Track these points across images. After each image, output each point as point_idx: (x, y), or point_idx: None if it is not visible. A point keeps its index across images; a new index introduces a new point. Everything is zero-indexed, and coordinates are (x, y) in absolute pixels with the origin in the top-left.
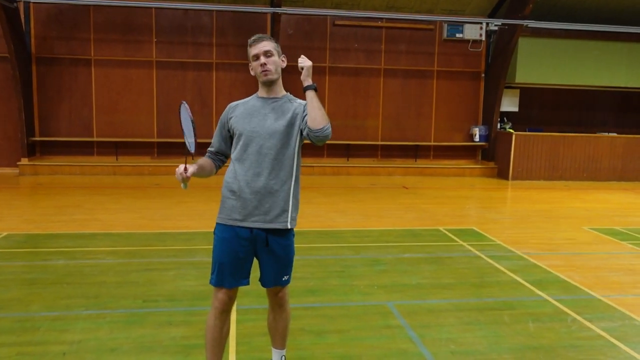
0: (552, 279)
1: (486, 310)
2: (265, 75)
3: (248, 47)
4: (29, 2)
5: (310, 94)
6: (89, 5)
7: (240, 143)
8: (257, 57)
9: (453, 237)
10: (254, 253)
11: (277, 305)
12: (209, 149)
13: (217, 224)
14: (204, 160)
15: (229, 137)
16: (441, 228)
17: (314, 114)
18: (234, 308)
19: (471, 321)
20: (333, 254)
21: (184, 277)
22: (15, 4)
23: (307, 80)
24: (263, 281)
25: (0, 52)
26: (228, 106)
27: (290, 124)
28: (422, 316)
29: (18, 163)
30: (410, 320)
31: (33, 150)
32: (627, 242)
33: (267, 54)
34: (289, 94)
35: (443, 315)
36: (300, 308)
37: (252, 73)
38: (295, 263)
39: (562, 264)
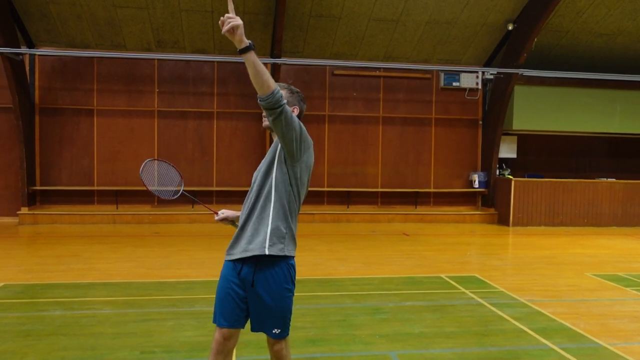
0: (556, 327)
1: None
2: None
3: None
4: (35, 55)
5: (249, 57)
6: (93, 57)
7: None
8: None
9: (455, 284)
10: (245, 292)
11: (276, 358)
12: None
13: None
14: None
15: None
16: (443, 275)
17: (254, 80)
18: (234, 358)
19: None
20: (333, 303)
21: (182, 327)
22: (21, 57)
23: (242, 42)
24: (252, 325)
25: (4, 102)
26: None
27: (273, 152)
28: None
29: (18, 212)
30: None
31: (33, 199)
32: (630, 289)
33: None
34: None
35: None
36: (301, 359)
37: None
38: (295, 312)
39: (566, 311)
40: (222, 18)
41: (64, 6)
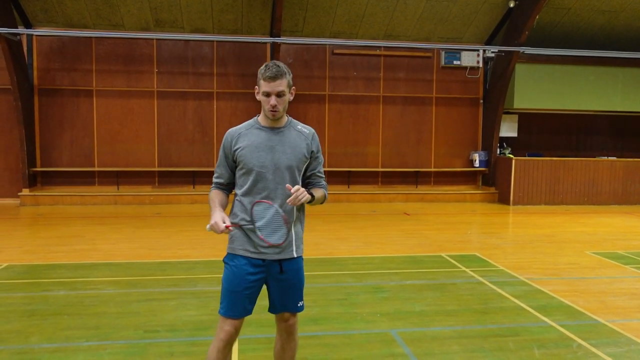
0: (556, 304)
1: (490, 337)
2: (274, 115)
3: (261, 78)
4: (32, 35)
5: (316, 203)
6: (91, 37)
7: (251, 178)
8: (267, 94)
9: (455, 263)
10: (265, 281)
11: (287, 333)
12: (217, 179)
13: (228, 253)
14: (220, 197)
15: (235, 167)
16: (443, 254)
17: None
18: (235, 354)
19: (475, 348)
20: (335, 282)
21: (185, 307)
22: (18, 37)
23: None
24: (275, 308)
25: (3, 84)
26: (228, 134)
27: (301, 159)
28: (426, 344)
29: (19, 194)
30: (414, 348)
31: (34, 180)
32: (630, 266)
33: (280, 94)
34: (290, 118)
35: (447, 343)
36: (302, 337)
37: (257, 98)
38: None
39: (565, 289)
40: (294, 192)
41: None
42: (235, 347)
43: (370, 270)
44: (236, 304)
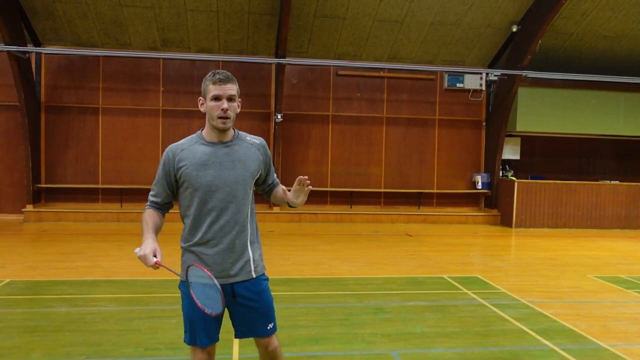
0: (558, 328)
1: None
2: (224, 123)
3: (210, 84)
4: (41, 54)
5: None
6: (99, 56)
7: (196, 199)
8: (218, 98)
9: (457, 285)
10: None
11: (270, 358)
12: (153, 198)
13: (180, 280)
14: (154, 220)
15: (176, 186)
16: (445, 276)
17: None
18: (236, 356)
19: None
20: (336, 302)
21: (183, 326)
22: (27, 55)
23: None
24: (239, 333)
25: (11, 100)
26: (169, 151)
27: (253, 173)
28: None
29: (23, 210)
30: None
31: (38, 197)
32: (632, 291)
33: (231, 99)
34: (237, 131)
35: None
36: (303, 357)
37: (201, 109)
38: (298, 311)
39: (567, 312)
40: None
41: (70, 5)
42: None
43: (372, 290)
44: (199, 332)
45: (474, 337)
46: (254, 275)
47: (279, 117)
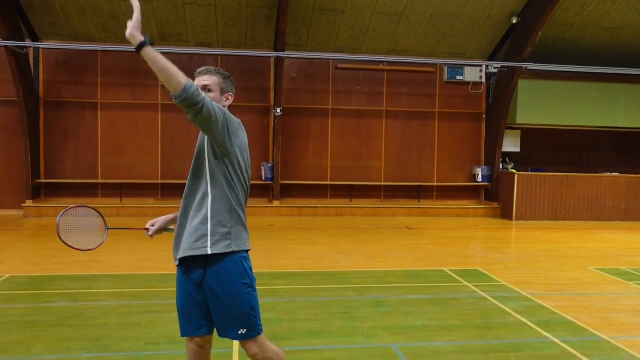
0: (558, 320)
1: (492, 353)
2: None
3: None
4: (39, 49)
5: (147, 54)
6: (97, 50)
7: None
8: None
9: (458, 278)
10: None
11: None
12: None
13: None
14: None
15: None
16: (445, 269)
17: (161, 78)
18: (236, 349)
19: None
20: (336, 296)
21: None
22: (25, 50)
23: (137, 36)
24: (217, 329)
25: (9, 96)
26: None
27: (201, 145)
28: (428, 359)
29: (23, 205)
30: None
31: (38, 192)
32: (633, 283)
33: (206, 88)
34: None
35: (449, 358)
36: (303, 351)
37: None
38: (298, 305)
39: (568, 304)
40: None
41: None
42: None
43: (372, 284)
44: (187, 321)
45: (475, 330)
46: (209, 252)
47: (279, 111)
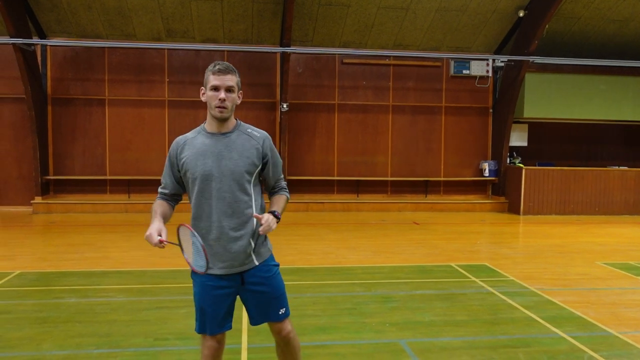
0: (567, 315)
1: (500, 348)
2: (221, 112)
3: (210, 74)
4: (46, 46)
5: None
6: (104, 47)
7: (196, 187)
8: (216, 88)
9: (465, 273)
10: (237, 293)
11: (284, 343)
12: (161, 190)
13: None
14: (163, 208)
15: (180, 177)
16: (453, 264)
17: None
18: (245, 345)
19: (485, 359)
20: (344, 291)
21: (195, 315)
22: (32, 48)
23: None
24: (254, 320)
25: (17, 93)
26: (175, 143)
27: (250, 165)
28: (436, 354)
29: (32, 201)
30: (423, 359)
31: (47, 188)
32: None
33: (230, 90)
34: (240, 122)
35: (457, 354)
36: (311, 346)
37: (202, 99)
38: (306, 300)
39: (576, 299)
40: (264, 222)
41: None
42: (245, 357)
43: (380, 279)
44: (208, 320)
45: (483, 325)
46: (257, 263)
47: (285, 106)
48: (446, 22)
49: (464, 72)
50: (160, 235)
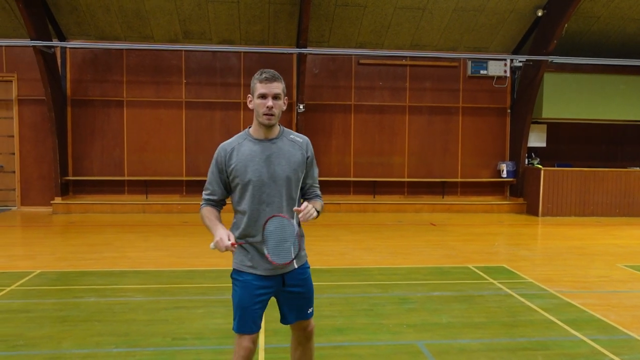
0: (587, 318)
1: (519, 351)
2: (269, 119)
3: (257, 82)
4: (66, 48)
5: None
6: (122, 49)
7: (248, 193)
8: (264, 96)
9: (483, 274)
10: (273, 294)
11: (306, 339)
12: (209, 196)
13: (234, 269)
14: (216, 214)
15: (228, 183)
16: (470, 266)
17: None
18: (262, 346)
19: None
20: (361, 292)
21: (212, 315)
22: (52, 50)
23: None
24: (286, 319)
25: (38, 95)
26: (221, 149)
27: (297, 170)
28: (453, 356)
29: (51, 202)
30: None
31: (66, 189)
32: None
33: (277, 97)
34: (283, 128)
35: (475, 356)
36: (328, 347)
37: (249, 106)
38: (322, 301)
39: (597, 302)
40: (303, 209)
41: None
42: (262, 357)
43: (396, 281)
44: (249, 320)
45: (501, 328)
46: (296, 266)
47: (301, 107)
48: (463, 22)
49: (482, 72)
50: (229, 239)
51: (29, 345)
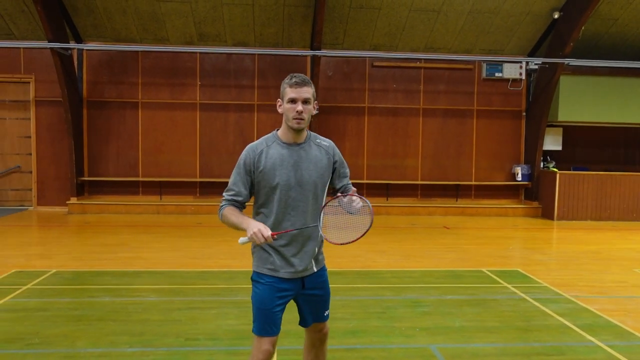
0: (603, 324)
1: (534, 356)
2: (299, 124)
3: (287, 87)
4: (82, 50)
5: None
6: (138, 51)
7: (275, 196)
8: (294, 101)
9: (497, 278)
10: (293, 297)
11: (320, 341)
12: (233, 197)
13: (254, 272)
14: (239, 212)
15: (253, 185)
16: (484, 269)
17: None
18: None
19: None
20: (373, 295)
21: (225, 316)
22: (69, 52)
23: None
24: (305, 322)
25: (55, 96)
26: (250, 150)
27: (324, 174)
28: None
29: (67, 202)
30: None
31: (82, 189)
32: None
33: (306, 102)
34: (310, 132)
35: None
36: (341, 350)
37: (279, 110)
38: (335, 304)
39: (613, 307)
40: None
41: (109, 1)
42: (274, 359)
43: (410, 284)
44: (269, 323)
45: (515, 332)
46: (315, 270)
47: (315, 109)
48: (478, 24)
49: (497, 74)
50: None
51: (44, 344)
